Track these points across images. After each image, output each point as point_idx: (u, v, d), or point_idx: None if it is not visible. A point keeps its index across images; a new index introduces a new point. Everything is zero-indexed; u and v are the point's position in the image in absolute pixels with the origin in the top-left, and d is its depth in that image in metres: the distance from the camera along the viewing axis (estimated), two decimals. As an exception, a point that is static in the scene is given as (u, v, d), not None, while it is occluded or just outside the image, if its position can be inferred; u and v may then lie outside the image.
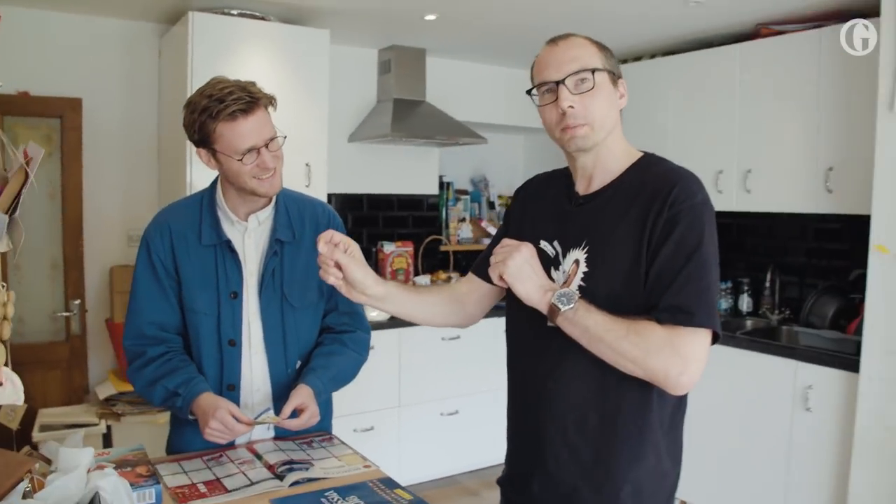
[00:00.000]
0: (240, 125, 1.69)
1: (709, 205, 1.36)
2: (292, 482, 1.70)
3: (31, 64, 3.43)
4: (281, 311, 1.87)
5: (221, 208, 1.85)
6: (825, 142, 3.34)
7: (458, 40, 4.16)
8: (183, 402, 1.75)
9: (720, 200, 3.78)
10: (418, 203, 4.73)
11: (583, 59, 1.39)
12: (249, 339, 1.86)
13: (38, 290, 3.53)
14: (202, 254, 1.83)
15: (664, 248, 1.32)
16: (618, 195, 1.42)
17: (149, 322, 1.83)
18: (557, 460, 1.45)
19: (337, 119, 4.17)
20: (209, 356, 1.84)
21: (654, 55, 4.29)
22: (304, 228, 1.91)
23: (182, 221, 1.85)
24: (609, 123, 1.42)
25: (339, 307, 1.99)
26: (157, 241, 1.83)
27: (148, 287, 1.83)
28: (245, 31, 3.45)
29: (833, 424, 3.06)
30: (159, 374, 1.79)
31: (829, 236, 3.73)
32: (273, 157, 1.76)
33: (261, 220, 1.87)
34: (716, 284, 1.33)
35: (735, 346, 3.43)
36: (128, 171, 3.72)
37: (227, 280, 1.82)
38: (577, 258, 1.43)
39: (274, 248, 1.85)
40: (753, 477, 3.36)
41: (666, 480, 1.44)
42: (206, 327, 1.83)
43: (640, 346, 1.28)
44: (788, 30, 3.47)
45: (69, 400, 3.54)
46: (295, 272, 1.88)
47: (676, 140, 4.03)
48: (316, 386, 1.84)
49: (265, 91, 1.76)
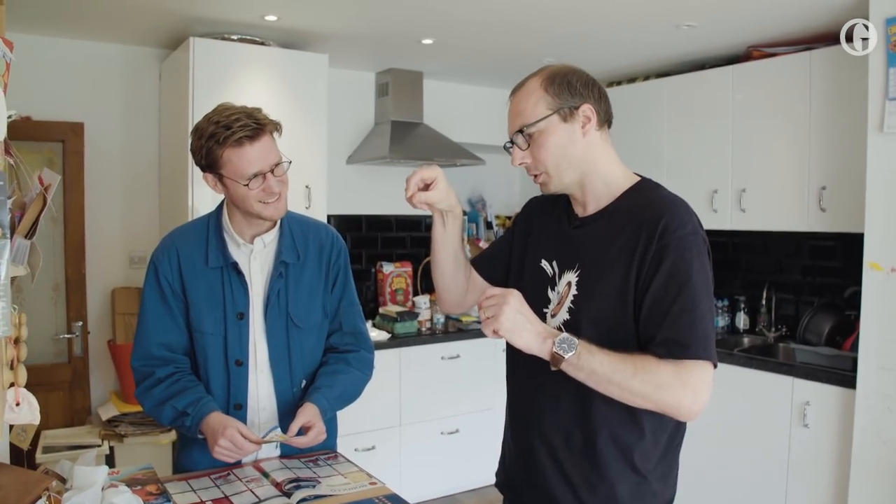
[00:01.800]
0: (246, 151, 1.73)
1: (699, 234, 1.37)
2: (300, 500, 1.72)
3: (34, 88, 3.47)
4: (286, 332, 1.90)
5: (228, 231, 1.90)
6: (818, 161, 3.40)
7: (454, 63, 4.23)
8: (192, 421, 1.78)
9: (715, 220, 3.84)
10: (416, 224, 4.77)
11: (524, 114, 1.42)
12: (255, 359, 1.89)
13: (40, 312, 3.54)
14: (209, 276, 1.86)
15: (655, 280, 1.33)
16: (611, 221, 1.44)
17: (157, 343, 1.86)
18: (544, 475, 1.49)
19: (335, 141, 4.22)
20: (216, 376, 1.88)
21: (647, 77, 4.37)
22: (307, 250, 1.95)
23: (189, 244, 1.89)
24: (568, 162, 1.43)
25: (342, 327, 2.02)
26: (164, 264, 1.87)
27: (156, 309, 1.87)
28: (245, 55, 3.50)
29: (831, 440, 3.09)
30: (168, 395, 1.82)
31: (823, 254, 3.78)
32: (278, 182, 1.80)
33: (266, 242, 1.91)
34: (709, 314, 1.34)
35: (732, 363, 3.47)
36: (129, 194, 3.75)
37: (234, 301, 1.86)
38: (569, 280, 1.46)
39: (279, 270, 1.89)
40: (752, 493, 3.38)
41: (655, 499, 1.45)
42: (213, 348, 1.87)
43: (650, 383, 1.29)
44: (779, 52, 3.54)
45: (72, 421, 3.55)
46: (300, 293, 1.92)
47: (671, 160, 4.09)
48: (322, 404, 1.86)
49: (270, 117, 1.80)
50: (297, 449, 1.98)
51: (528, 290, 1.59)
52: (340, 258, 2.02)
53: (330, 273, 1.99)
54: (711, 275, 1.39)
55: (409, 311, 4.23)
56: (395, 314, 4.17)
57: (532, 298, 1.55)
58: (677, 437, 1.49)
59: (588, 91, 1.43)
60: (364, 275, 4.57)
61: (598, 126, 1.44)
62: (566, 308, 1.45)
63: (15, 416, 1.31)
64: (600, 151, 1.45)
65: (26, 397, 1.33)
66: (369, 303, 4.54)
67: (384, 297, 4.51)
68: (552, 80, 1.42)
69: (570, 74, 1.43)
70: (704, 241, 1.38)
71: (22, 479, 1.27)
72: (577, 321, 1.43)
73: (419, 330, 4.23)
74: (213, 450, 1.73)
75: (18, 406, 1.32)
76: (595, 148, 1.45)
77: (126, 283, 3.66)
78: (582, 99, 1.42)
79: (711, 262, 1.41)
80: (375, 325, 4.19)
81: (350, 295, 2.04)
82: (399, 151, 4.09)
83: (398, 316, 4.15)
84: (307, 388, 1.94)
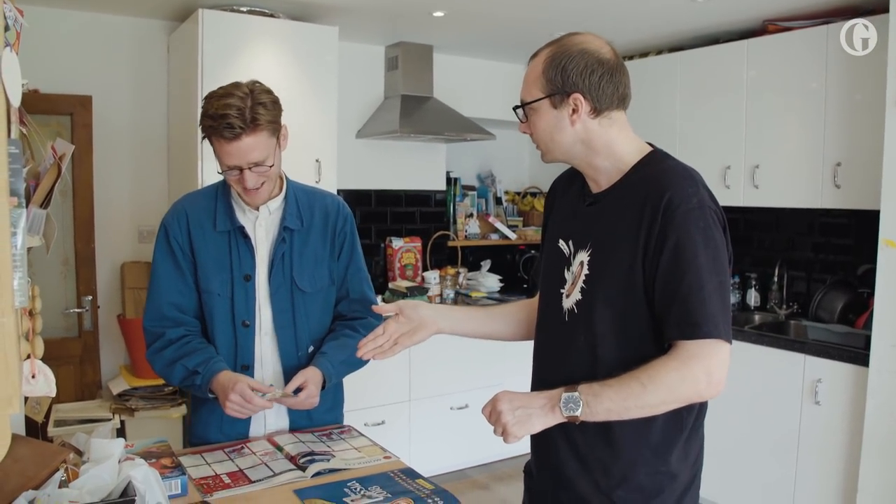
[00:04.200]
0: (223, 145, 1.75)
1: (706, 207, 1.33)
2: (314, 473, 1.73)
3: (42, 62, 3.44)
4: (291, 296, 1.94)
5: (234, 198, 1.93)
6: (833, 137, 3.35)
7: (464, 37, 4.18)
8: (202, 379, 1.82)
9: (728, 196, 3.80)
10: (426, 198, 4.75)
11: (525, 89, 1.44)
12: (261, 322, 1.94)
13: (50, 287, 3.54)
14: (217, 239, 1.91)
15: (661, 260, 1.31)
16: (620, 197, 1.41)
17: (168, 303, 1.91)
18: (559, 453, 1.48)
19: (345, 115, 4.18)
20: (224, 337, 1.92)
21: (660, 51, 4.31)
22: (313, 218, 1.99)
23: (198, 208, 1.94)
24: (557, 145, 1.42)
25: (350, 294, 2.05)
26: (174, 227, 1.92)
27: (167, 270, 1.92)
28: (254, 28, 3.46)
29: (842, 418, 3.09)
30: (179, 355, 1.86)
31: (836, 231, 3.75)
32: (255, 178, 1.80)
33: (272, 209, 1.95)
34: (719, 291, 1.31)
35: (743, 340, 3.46)
36: (138, 167, 3.74)
37: (241, 263, 1.91)
38: (582, 260, 1.44)
39: (283, 236, 1.93)
40: (763, 470, 3.39)
41: (675, 482, 1.43)
42: (220, 309, 1.91)
43: (663, 390, 1.28)
44: (795, 26, 3.49)
45: (82, 395, 3.56)
46: (304, 259, 1.96)
47: (683, 136, 4.05)
48: (327, 369, 1.90)
49: (272, 113, 1.79)
50: (310, 423, 2.01)
51: (547, 272, 1.58)
52: (347, 225, 2.05)
53: (336, 240, 2.02)
54: (725, 247, 1.35)
55: (419, 286, 4.23)
56: (405, 289, 4.16)
57: (549, 280, 1.55)
58: (700, 417, 1.48)
59: (583, 79, 1.36)
60: (373, 250, 4.56)
61: (592, 114, 1.38)
62: (579, 288, 1.43)
63: (31, 389, 1.31)
64: (600, 136, 1.40)
65: (42, 369, 1.32)
66: (378, 277, 4.53)
67: (393, 272, 4.50)
68: (551, 62, 1.39)
69: (569, 58, 1.37)
70: (714, 213, 1.34)
71: (40, 451, 1.27)
72: (589, 301, 1.41)
73: (428, 305, 4.22)
74: (224, 405, 1.77)
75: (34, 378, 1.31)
76: (593, 133, 1.40)
77: (135, 258, 3.66)
78: (573, 88, 1.37)
79: (727, 231, 1.38)
80: (385, 300, 4.19)
81: (357, 262, 2.06)
82: (409, 126, 4.06)
83: (408, 291, 4.15)
84: (314, 354, 1.97)
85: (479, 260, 4.89)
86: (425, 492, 1.63)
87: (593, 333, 1.41)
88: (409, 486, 1.66)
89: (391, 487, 1.65)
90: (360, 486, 1.66)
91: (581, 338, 1.43)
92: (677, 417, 1.42)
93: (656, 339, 1.35)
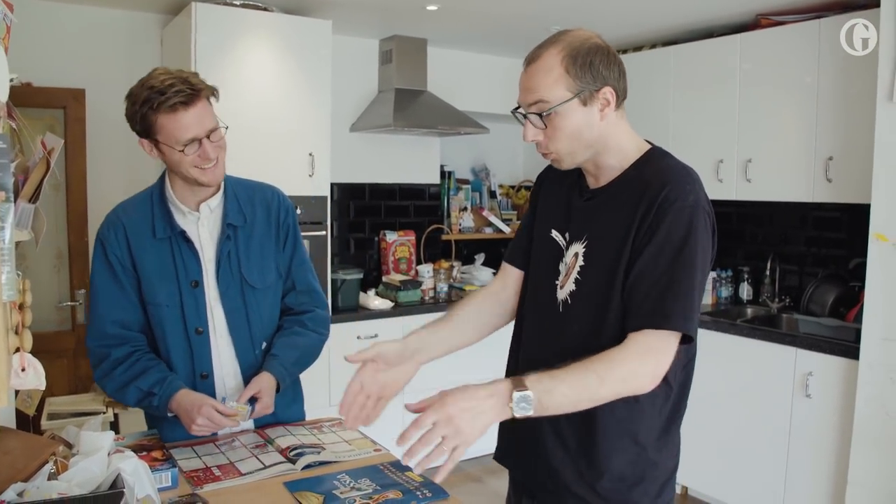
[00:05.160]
0: (180, 117, 1.70)
1: (701, 206, 1.34)
2: (304, 465, 1.74)
3: (35, 55, 3.43)
4: (242, 294, 1.89)
5: (171, 201, 1.87)
6: (825, 131, 3.36)
7: (458, 30, 4.17)
8: (159, 400, 1.77)
9: (720, 190, 3.82)
10: (420, 192, 4.75)
11: (541, 92, 1.35)
12: (214, 326, 1.88)
13: (43, 280, 3.55)
14: (158, 247, 1.83)
15: (646, 249, 1.32)
16: (618, 192, 1.42)
17: (111, 321, 1.83)
18: (545, 444, 1.49)
19: (339, 109, 4.18)
20: (177, 347, 1.85)
21: (654, 45, 4.31)
22: (255, 212, 1.94)
23: (134, 217, 1.87)
24: (582, 144, 1.39)
25: (296, 286, 2.01)
26: (111, 240, 1.84)
27: (106, 286, 1.83)
28: (248, 21, 3.45)
29: (833, 411, 3.10)
30: (131, 376, 1.79)
31: (828, 225, 3.76)
32: (215, 148, 1.77)
33: (212, 207, 1.89)
34: (700, 287, 1.32)
35: (735, 333, 3.48)
36: (131, 161, 3.72)
37: (186, 270, 1.84)
38: (576, 251, 1.45)
39: (227, 233, 1.88)
40: (754, 463, 3.41)
41: (656, 471, 1.45)
42: (170, 319, 1.84)
43: (617, 384, 1.28)
44: (788, 20, 3.49)
45: (76, 389, 3.57)
46: (251, 255, 1.91)
47: (677, 130, 4.05)
48: (280, 373, 1.87)
49: (207, 82, 1.77)
50: (274, 419, 1.98)
51: (539, 262, 1.58)
52: (289, 216, 1.99)
53: (280, 232, 1.97)
54: (711, 248, 1.37)
55: (413, 280, 4.24)
56: (399, 283, 4.17)
57: (542, 270, 1.55)
58: (680, 408, 1.49)
59: (610, 71, 1.36)
60: (367, 243, 4.57)
61: (616, 106, 1.39)
62: (573, 279, 1.44)
63: (21, 382, 1.32)
64: (615, 129, 1.40)
65: (32, 363, 1.33)
66: (373, 271, 4.54)
67: (387, 266, 4.50)
68: (574, 59, 1.34)
69: (592, 53, 1.35)
70: (707, 216, 1.36)
71: (29, 444, 1.28)
72: (583, 292, 1.42)
73: (422, 298, 4.24)
74: (190, 428, 1.74)
75: (24, 371, 1.32)
76: (611, 127, 1.40)
77: (129, 251, 3.66)
78: (604, 81, 1.35)
79: (716, 234, 1.39)
80: (379, 294, 4.19)
81: (300, 252, 2.02)
82: (403, 119, 4.06)
83: (401, 284, 4.15)
84: (266, 353, 1.94)
85: (473, 253, 4.90)
86: (414, 484, 1.64)
87: (586, 323, 1.42)
88: (399, 479, 1.67)
89: (380, 480, 1.66)
90: (349, 478, 1.67)
91: (574, 328, 1.44)
92: (663, 409, 1.44)
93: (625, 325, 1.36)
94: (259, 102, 3.48)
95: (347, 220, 4.49)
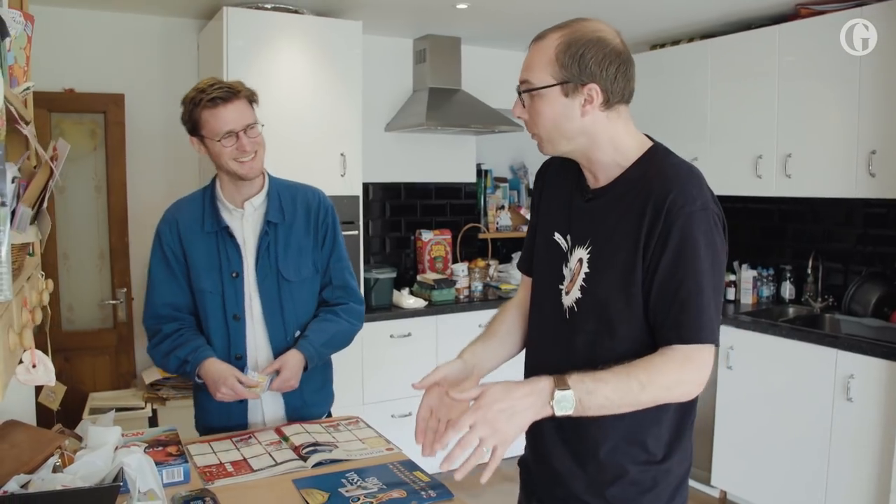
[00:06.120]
0: (219, 112, 1.92)
1: (709, 209, 1.31)
2: (315, 463, 1.76)
3: (77, 62, 3.56)
4: (277, 286, 2.06)
5: (220, 200, 2.08)
6: (867, 124, 3.24)
7: (492, 28, 4.16)
8: (191, 367, 1.97)
9: (759, 186, 3.72)
10: (456, 191, 4.75)
11: (531, 71, 1.35)
12: (251, 313, 2.06)
13: (87, 280, 3.67)
14: (206, 240, 2.05)
15: (662, 261, 1.29)
16: (621, 194, 1.38)
17: (163, 303, 2.06)
18: (551, 447, 1.48)
19: (374, 108, 4.22)
20: (217, 330, 2.05)
21: (692, 39, 4.22)
22: (295, 212, 2.11)
23: (187, 214, 2.09)
24: (561, 134, 1.37)
25: (333, 282, 2.16)
26: (166, 234, 2.07)
27: (161, 273, 2.07)
28: (278, 24, 3.51)
29: (875, 415, 2.99)
30: (172, 347, 2.01)
31: (875, 222, 3.62)
32: (252, 142, 1.97)
33: (255, 205, 2.08)
34: (716, 296, 1.30)
35: (774, 334, 3.38)
36: (169, 163, 3.83)
37: (229, 262, 2.04)
38: (580, 257, 1.42)
39: (266, 229, 2.06)
40: (793, 468, 3.31)
41: (668, 477, 1.42)
42: (212, 305, 2.04)
43: (659, 391, 1.28)
44: (828, 9, 3.37)
45: (117, 384, 3.68)
46: (289, 250, 2.08)
47: (714, 125, 3.96)
48: (308, 351, 2.03)
49: (250, 88, 2.01)
50: (302, 402, 2.12)
51: (543, 265, 1.56)
52: (328, 216, 2.16)
53: (318, 231, 2.13)
54: (724, 250, 1.34)
55: (447, 279, 4.24)
56: (433, 282, 4.18)
57: (547, 274, 1.53)
58: (691, 414, 1.45)
59: (601, 70, 1.32)
60: (403, 242, 4.59)
61: (603, 106, 1.34)
62: (578, 286, 1.41)
63: (31, 378, 1.36)
64: (605, 129, 1.36)
65: (42, 359, 1.37)
66: (409, 270, 4.56)
67: (423, 265, 4.52)
68: (567, 48, 1.32)
69: (588, 46, 1.31)
70: (716, 216, 1.32)
71: (37, 438, 1.32)
72: (590, 300, 1.39)
73: (457, 297, 4.24)
74: (215, 395, 1.94)
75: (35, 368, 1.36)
76: (599, 125, 1.36)
77: (168, 251, 3.75)
78: (591, 78, 1.32)
79: (726, 231, 1.36)
80: (413, 293, 4.21)
81: (339, 251, 2.17)
82: (436, 118, 4.06)
83: (435, 283, 4.16)
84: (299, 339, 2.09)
85: (511, 252, 4.87)
86: (420, 484, 1.64)
87: (594, 332, 1.39)
88: (406, 478, 1.68)
89: (387, 478, 1.67)
90: (357, 476, 1.68)
91: (582, 336, 1.41)
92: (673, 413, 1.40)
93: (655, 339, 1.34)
94: (290, 104, 3.53)
95: (383, 219, 4.52)
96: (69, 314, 3.65)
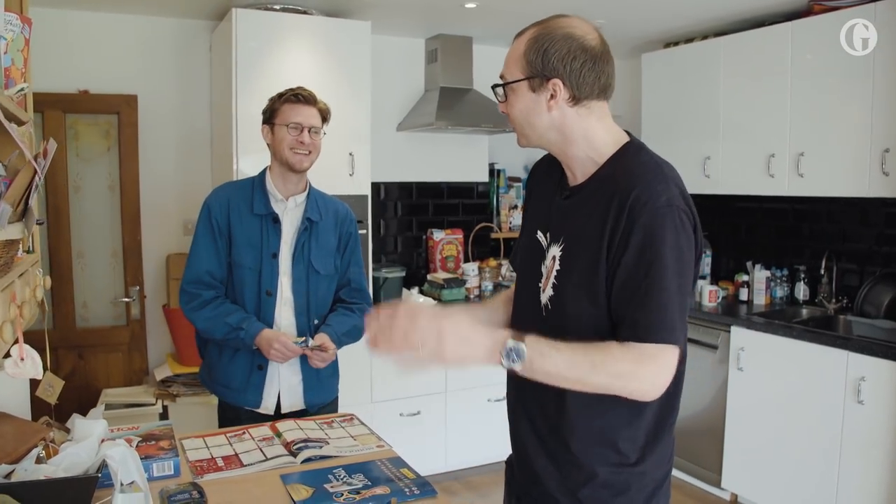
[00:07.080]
0: (297, 106, 2.26)
1: (675, 206, 1.28)
2: (304, 459, 1.77)
3: (91, 63, 3.62)
4: (307, 274, 2.31)
5: (269, 189, 2.32)
6: (881, 122, 3.19)
7: (502, 28, 4.15)
8: (246, 334, 2.20)
9: (771, 185, 3.67)
10: (468, 190, 4.75)
11: (505, 67, 1.41)
12: (282, 292, 2.29)
13: (100, 278, 3.73)
14: (252, 221, 2.28)
15: (625, 257, 1.28)
16: (592, 191, 1.38)
17: (204, 270, 2.27)
18: (528, 447, 1.47)
19: (386, 108, 4.23)
20: (250, 303, 2.27)
21: (705, 36, 4.18)
22: (327, 217, 2.40)
23: (238, 195, 2.32)
24: (532, 129, 1.39)
25: (351, 283, 2.45)
26: (216, 207, 2.29)
27: (206, 241, 2.28)
28: (288, 25, 3.54)
29: (886, 417, 2.94)
30: (219, 314, 2.23)
31: (893, 222, 3.56)
32: (311, 141, 2.26)
33: (298, 202, 2.34)
34: (679, 295, 1.27)
35: (784, 335, 3.33)
36: (182, 163, 3.88)
37: (270, 243, 2.28)
38: (554, 255, 1.41)
39: (305, 225, 2.31)
40: (804, 470, 3.26)
41: (643, 479, 1.40)
42: (249, 280, 2.27)
43: (610, 378, 1.25)
44: (842, 5, 3.32)
45: (130, 381, 3.74)
46: (319, 247, 2.34)
47: (727, 123, 3.91)
48: (332, 335, 2.29)
49: (324, 105, 2.33)
50: (318, 384, 2.36)
51: (525, 263, 1.56)
52: (351, 227, 2.45)
53: (342, 238, 2.42)
54: (692, 248, 1.31)
55: (457, 279, 4.24)
56: (443, 281, 4.18)
57: (528, 272, 1.53)
58: (668, 416, 1.42)
59: (564, 65, 1.33)
60: (415, 242, 4.60)
61: (571, 102, 1.34)
62: (551, 284, 1.41)
63: (20, 371, 1.39)
64: (576, 124, 1.37)
65: (30, 353, 1.40)
66: (420, 269, 4.57)
67: (434, 264, 4.53)
68: (534, 43, 1.35)
69: (552, 42, 1.33)
70: (683, 213, 1.30)
71: (22, 429, 1.35)
72: (560, 298, 1.39)
73: (467, 297, 4.24)
74: (269, 354, 2.19)
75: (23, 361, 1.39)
76: (569, 120, 1.36)
77: (180, 250, 3.80)
78: (553, 73, 1.33)
79: (698, 230, 1.34)
80: (423, 292, 4.22)
81: (357, 258, 2.48)
82: (445, 118, 4.07)
83: (445, 283, 4.17)
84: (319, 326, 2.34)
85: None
86: (406, 481, 1.65)
87: (564, 329, 1.38)
88: (392, 475, 1.69)
89: (373, 475, 1.68)
90: (344, 472, 1.69)
91: (554, 333, 1.40)
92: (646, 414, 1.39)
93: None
94: (300, 104, 3.55)
95: (395, 218, 4.53)
96: (83, 311, 3.72)
